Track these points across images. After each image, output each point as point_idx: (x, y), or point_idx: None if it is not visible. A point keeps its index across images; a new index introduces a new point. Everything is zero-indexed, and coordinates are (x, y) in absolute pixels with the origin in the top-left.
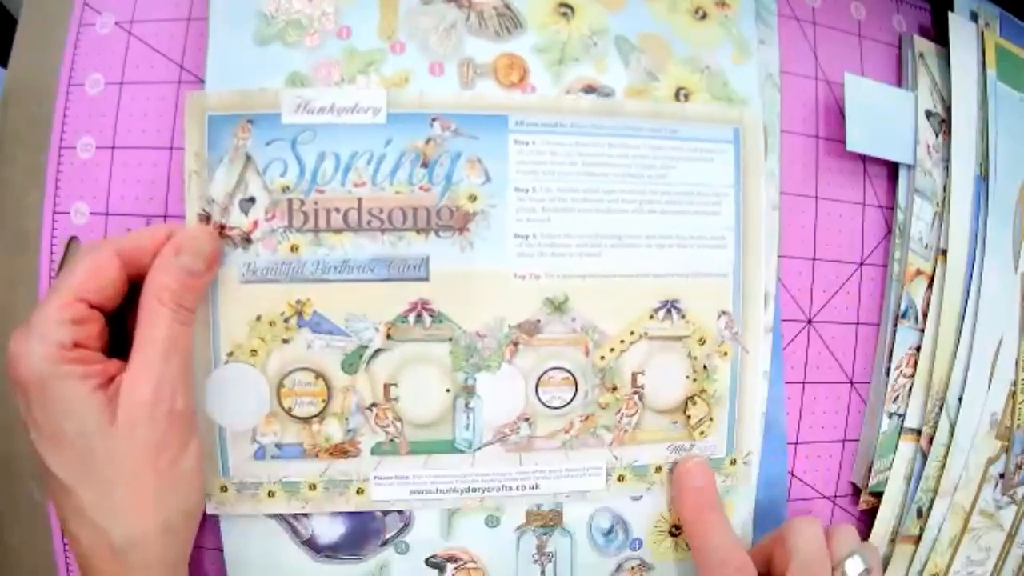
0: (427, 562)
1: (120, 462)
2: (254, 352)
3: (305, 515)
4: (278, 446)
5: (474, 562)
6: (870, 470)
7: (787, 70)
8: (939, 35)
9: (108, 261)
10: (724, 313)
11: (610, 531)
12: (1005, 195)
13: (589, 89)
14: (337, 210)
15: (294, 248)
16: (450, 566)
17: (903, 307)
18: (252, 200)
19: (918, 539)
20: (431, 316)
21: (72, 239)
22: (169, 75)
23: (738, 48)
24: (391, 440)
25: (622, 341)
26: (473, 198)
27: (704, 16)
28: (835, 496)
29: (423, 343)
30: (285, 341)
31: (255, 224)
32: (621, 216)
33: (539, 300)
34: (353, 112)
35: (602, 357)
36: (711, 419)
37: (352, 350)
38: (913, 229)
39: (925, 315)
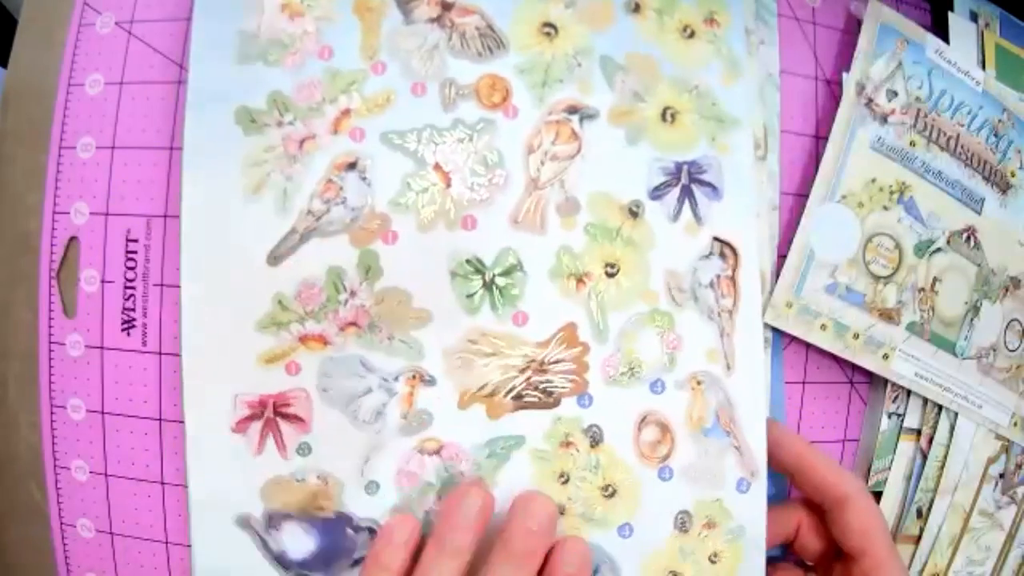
0: None
1: None
2: (860, 205)
3: (276, 529)
4: (848, 289)
5: None
6: (869, 470)
7: (787, 70)
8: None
9: None
10: None
11: (595, 572)
12: None
13: (572, 110)
14: (943, 133)
15: (912, 143)
16: None
17: None
18: (895, 93)
19: (918, 539)
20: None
21: (72, 239)
22: (169, 75)
23: (728, 66)
24: (921, 324)
25: None
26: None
27: (692, 35)
28: None
29: (962, 258)
30: (885, 208)
31: (892, 111)
32: None
33: None
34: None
35: None
36: None
37: (923, 239)
38: None
39: None
